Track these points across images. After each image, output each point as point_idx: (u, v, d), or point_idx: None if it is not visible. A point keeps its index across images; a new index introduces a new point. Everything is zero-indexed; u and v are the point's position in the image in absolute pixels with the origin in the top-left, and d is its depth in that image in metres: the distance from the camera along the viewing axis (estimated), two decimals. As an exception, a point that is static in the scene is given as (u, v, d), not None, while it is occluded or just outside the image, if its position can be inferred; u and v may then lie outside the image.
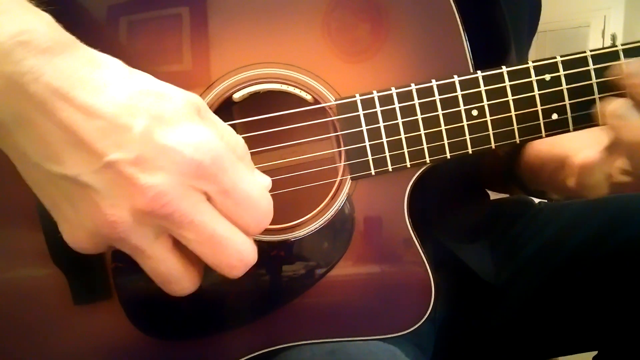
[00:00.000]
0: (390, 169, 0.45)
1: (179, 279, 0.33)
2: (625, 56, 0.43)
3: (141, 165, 0.29)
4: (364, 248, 0.47)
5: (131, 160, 0.29)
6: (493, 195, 0.79)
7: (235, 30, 0.44)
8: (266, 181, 0.35)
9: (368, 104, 0.44)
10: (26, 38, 0.28)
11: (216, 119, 0.34)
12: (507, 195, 0.78)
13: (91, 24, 0.44)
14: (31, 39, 0.29)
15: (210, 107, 0.40)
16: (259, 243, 0.46)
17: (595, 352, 0.64)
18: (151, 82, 0.31)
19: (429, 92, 0.44)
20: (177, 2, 0.44)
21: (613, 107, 0.42)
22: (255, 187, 0.33)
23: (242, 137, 0.35)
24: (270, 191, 0.35)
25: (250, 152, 0.36)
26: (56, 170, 0.30)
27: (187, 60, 0.45)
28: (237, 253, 0.32)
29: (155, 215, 0.30)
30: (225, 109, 0.46)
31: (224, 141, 0.32)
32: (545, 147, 0.57)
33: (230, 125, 0.35)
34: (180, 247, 0.33)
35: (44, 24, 0.30)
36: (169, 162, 0.29)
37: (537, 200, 0.77)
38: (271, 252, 0.46)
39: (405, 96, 0.44)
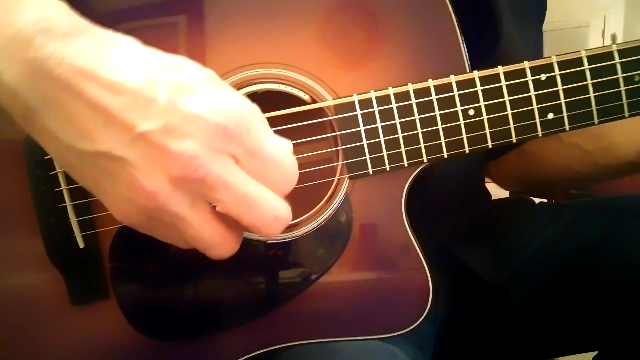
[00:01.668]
0: (388, 168, 0.45)
1: (220, 243, 0.35)
2: (620, 56, 0.43)
3: (170, 133, 0.30)
4: (362, 247, 0.47)
5: (160, 129, 0.30)
6: (493, 196, 0.79)
7: (234, 31, 0.45)
8: (288, 144, 0.36)
9: (365, 104, 0.44)
10: (46, 25, 0.30)
11: (231, 88, 0.35)
12: (507, 195, 0.78)
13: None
14: (51, 25, 0.30)
15: None
16: (256, 242, 0.46)
17: (595, 352, 0.64)
18: (167, 56, 0.33)
19: (425, 92, 0.44)
20: (176, 2, 0.45)
21: None
22: (279, 147, 0.34)
23: None
24: None
25: None
26: (89, 148, 0.31)
27: None
28: (270, 210, 0.33)
29: (189, 180, 0.31)
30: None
31: (243, 106, 0.33)
32: None
33: None
34: (217, 213, 0.34)
35: (62, 10, 0.31)
36: (195, 128, 0.30)
37: (537, 200, 0.77)
38: (269, 252, 0.46)
39: (402, 96, 0.44)
